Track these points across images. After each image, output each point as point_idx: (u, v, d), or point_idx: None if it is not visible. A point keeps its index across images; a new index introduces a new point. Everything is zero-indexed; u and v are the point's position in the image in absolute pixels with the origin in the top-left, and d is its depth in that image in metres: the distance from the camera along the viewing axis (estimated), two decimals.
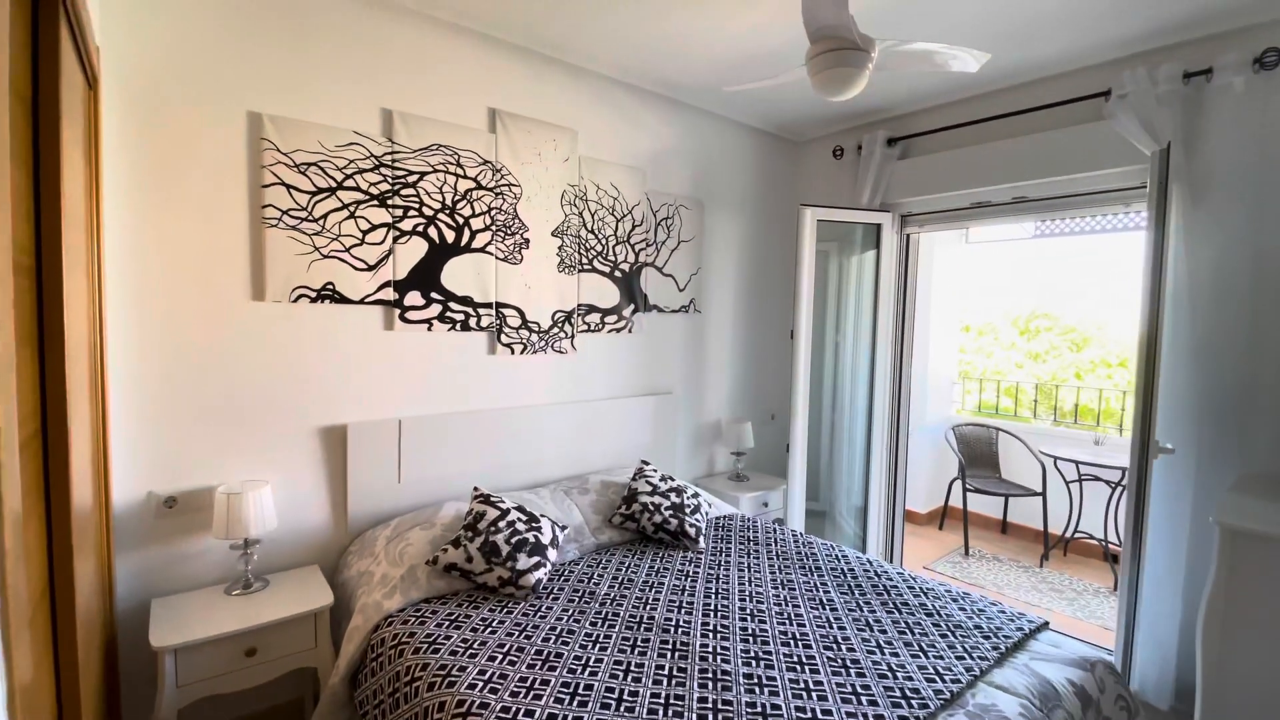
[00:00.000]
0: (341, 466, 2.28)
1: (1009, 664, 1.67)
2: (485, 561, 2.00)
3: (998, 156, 2.96)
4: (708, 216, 3.47)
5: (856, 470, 3.63)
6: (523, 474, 2.73)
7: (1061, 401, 5.06)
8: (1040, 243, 4.93)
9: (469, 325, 2.54)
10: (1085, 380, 5.39)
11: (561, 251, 2.81)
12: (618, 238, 3.02)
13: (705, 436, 3.61)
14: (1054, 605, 3.40)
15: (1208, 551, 2.33)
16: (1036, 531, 4.32)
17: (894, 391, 3.51)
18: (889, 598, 2.04)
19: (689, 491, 2.65)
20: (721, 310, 3.63)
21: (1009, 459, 4.50)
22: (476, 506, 2.17)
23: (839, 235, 3.69)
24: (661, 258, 3.23)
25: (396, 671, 1.65)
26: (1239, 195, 2.29)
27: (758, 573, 2.22)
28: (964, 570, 3.85)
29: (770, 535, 2.57)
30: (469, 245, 2.52)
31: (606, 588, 2.06)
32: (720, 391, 3.67)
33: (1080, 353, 6.15)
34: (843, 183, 3.60)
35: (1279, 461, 2.24)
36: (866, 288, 3.54)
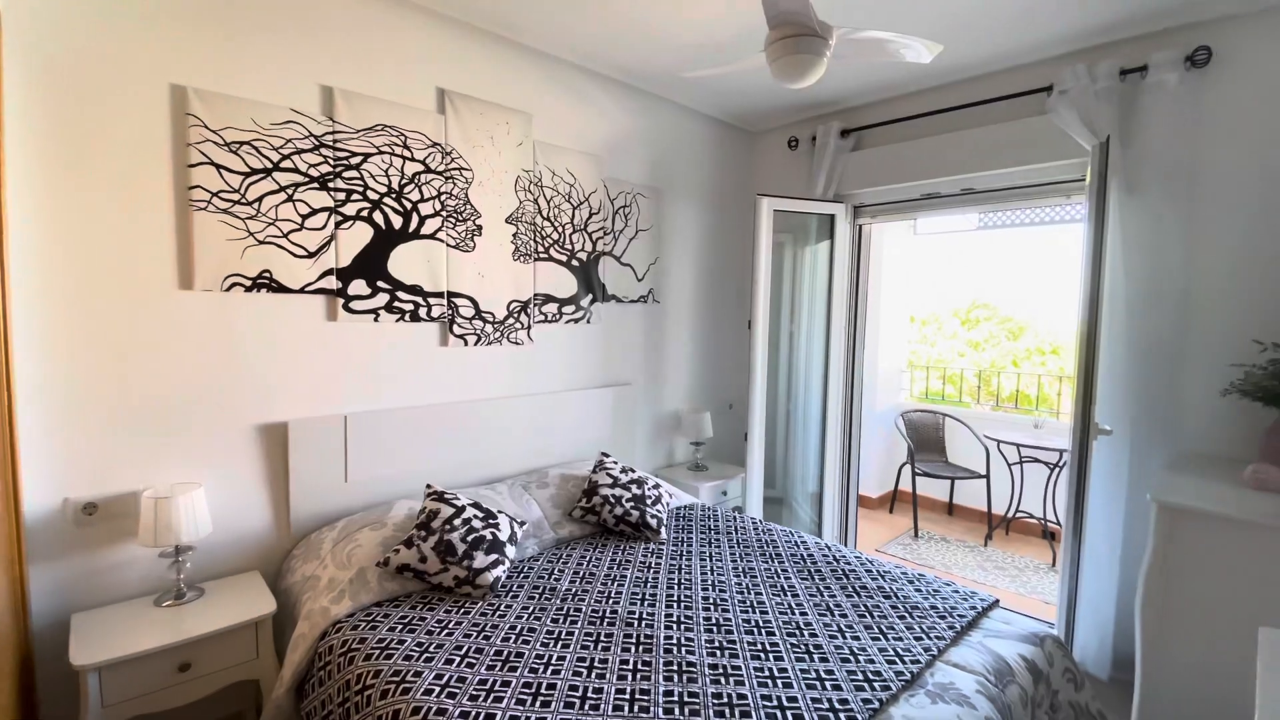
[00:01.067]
0: (283, 466, 2.15)
1: (965, 642, 1.72)
2: (440, 561, 1.92)
3: (947, 149, 3.03)
4: (666, 205, 3.44)
5: (812, 457, 3.69)
6: (479, 470, 2.64)
7: (1000, 388, 5.28)
8: (983, 235, 5.11)
9: (419, 315, 2.44)
10: (1022, 367, 5.65)
11: (516, 239, 2.72)
12: (574, 226, 2.95)
13: (665, 427, 3.59)
14: (998, 583, 3.55)
15: (1143, 528, 2.46)
16: (981, 512, 4.50)
17: (847, 379, 3.57)
18: (848, 582, 2.07)
19: (650, 483, 2.62)
20: (680, 300, 3.61)
21: (955, 443, 4.67)
22: (430, 504, 2.08)
23: (794, 226, 3.72)
24: (620, 247, 3.18)
25: (346, 680, 1.57)
26: (1172, 188, 2.40)
27: (719, 562, 2.21)
28: (914, 552, 3.97)
29: (731, 524, 2.57)
30: (418, 232, 2.41)
31: (568, 583, 2.02)
32: (679, 382, 3.66)
33: (1017, 341, 6.49)
34: (798, 173, 3.63)
35: (1207, 441, 2.38)
36: (821, 278, 3.59)
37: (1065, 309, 5.20)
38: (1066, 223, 4.42)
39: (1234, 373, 2.27)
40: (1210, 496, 1.85)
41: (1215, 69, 2.31)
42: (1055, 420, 4.50)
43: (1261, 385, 2.12)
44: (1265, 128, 2.24)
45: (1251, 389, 2.16)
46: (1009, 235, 5.12)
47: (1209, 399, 2.36)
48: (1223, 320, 2.34)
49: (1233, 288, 2.33)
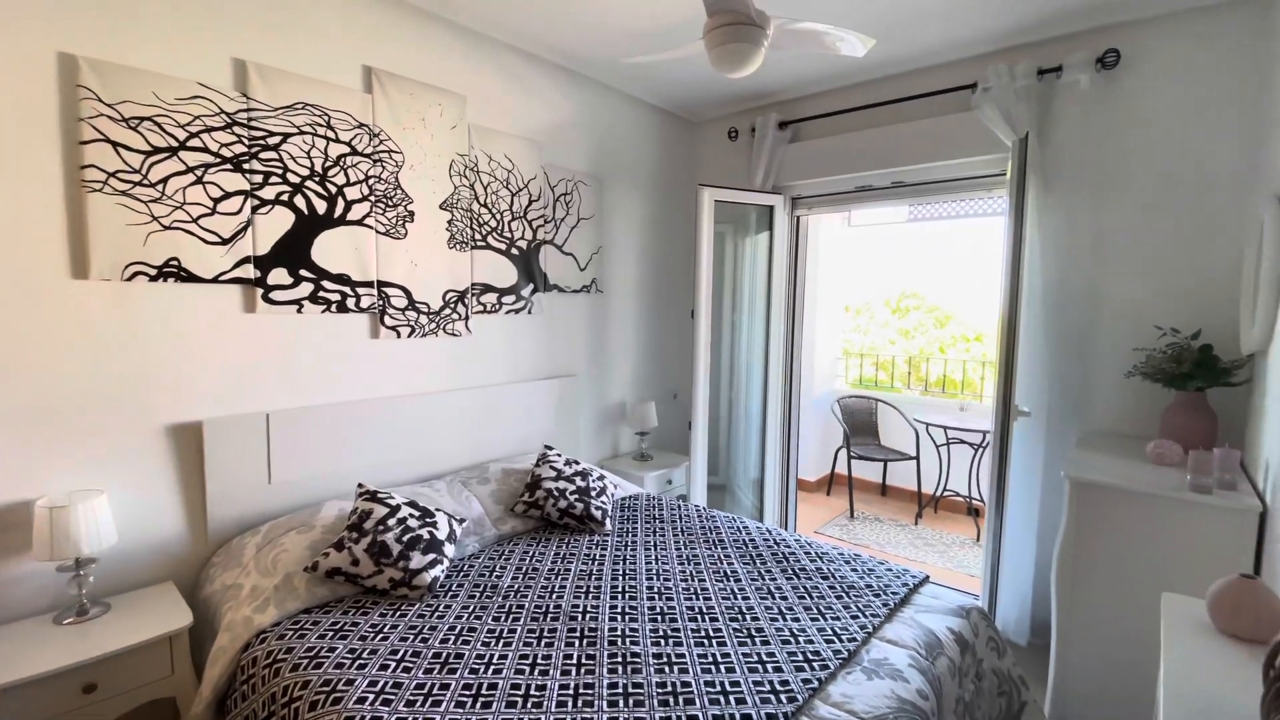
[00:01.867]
0: (198, 468, 2.00)
1: (897, 619, 1.78)
2: (374, 563, 1.84)
3: (879, 142, 3.12)
4: (607, 194, 3.40)
5: (753, 444, 3.76)
6: (415, 467, 2.55)
7: (928, 373, 5.53)
8: (912, 227, 5.31)
9: (347, 306, 2.32)
10: (948, 353, 5.93)
11: (452, 226, 2.63)
12: (514, 213, 2.88)
13: (610, 418, 3.58)
14: (928, 559, 3.72)
15: (1057, 503, 2.63)
16: (912, 492, 4.72)
17: (786, 368, 3.65)
18: (788, 564, 2.11)
19: (594, 474, 2.60)
20: (624, 290, 3.58)
21: (887, 427, 4.86)
22: (362, 504, 1.99)
23: (735, 217, 3.76)
24: (561, 235, 3.13)
25: (272, 693, 1.48)
26: (1083, 184, 2.55)
27: (664, 550, 2.22)
28: (850, 532, 4.12)
29: (675, 512, 2.58)
30: (344, 217, 2.28)
31: (510, 580, 1.97)
32: (624, 372, 3.64)
33: (943, 329, 6.83)
34: (738, 164, 3.66)
35: (1113, 421, 2.56)
36: (761, 269, 3.64)
37: (987, 298, 5.49)
38: (988, 216, 4.65)
39: (1137, 356, 2.44)
40: (1117, 472, 1.98)
41: (1123, 71, 2.47)
42: (978, 403, 4.75)
43: (1160, 368, 2.29)
44: (1164, 128, 2.41)
45: (1152, 371, 2.33)
46: (936, 228, 5.35)
47: (1115, 381, 2.54)
48: (1127, 308, 2.52)
49: (1135, 278, 2.50)
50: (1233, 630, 1.19)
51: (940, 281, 6.21)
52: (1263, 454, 1.83)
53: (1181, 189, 2.39)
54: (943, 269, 5.87)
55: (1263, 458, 1.81)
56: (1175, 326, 2.37)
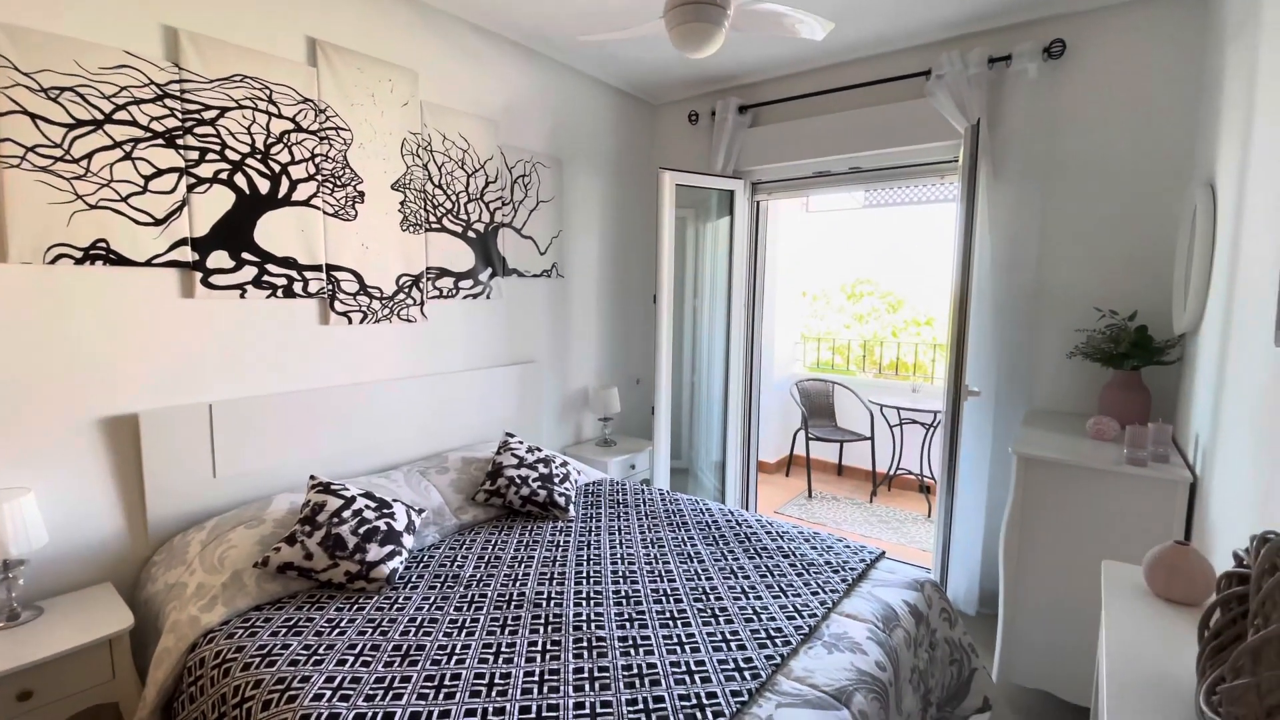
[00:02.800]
0: (135, 463, 1.90)
1: (856, 593, 1.83)
2: (329, 556, 1.78)
3: (837, 128, 3.15)
4: (567, 176, 3.34)
5: (715, 427, 3.79)
6: (371, 458, 2.48)
7: (881, 357, 5.68)
8: (868, 213, 5.41)
9: (294, 291, 2.22)
10: (900, 337, 6.11)
11: (405, 208, 2.54)
12: (470, 194, 2.80)
13: (573, 404, 3.55)
14: (883, 535, 3.85)
15: (1004, 479, 2.74)
16: (866, 471, 4.86)
17: (747, 352, 3.68)
18: (750, 544, 2.14)
19: (557, 461, 2.58)
20: (585, 274, 3.54)
21: (843, 409, 4.98)
22: (315, 497, 1.92)
23: (696, 202, 3.75)
24: (520, 218, 3.06)
25: (222, 694, 1.42)
26: (1030, 170, 2.64)
27: (628, 534, 2.22)
28: (809, 511, 4.22)
29: (639, 496, 2.59)
30: (289, 198, 2.18)
31: (472, 569, 1.94)
32: (586, 358, 3.61)
33: (896, 314, 7.05)
34: (698, 148, 3.64)
35: (1056, 399, 2.67)
36: (722, 253, 3.65)
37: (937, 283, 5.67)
38: (940, 202, 4.77)
39: (1079, 337, 2.55)
40: (1060, 447, 2.08)
41: (1069, 61, 2.55)
42: (930, 385, 4.90)
43: (1099, 348, 2.40)
44: (1105, 117, 2.51)
45: (1091, 351, 2.44)
46: (890, 214, 5.46)
47: (1058, 361, 2.65)
48: (1070, 291, 2.62)
49: (1078, 261, 2.60)
50: (1168, 594, 1.25)
51: (892, 267, 6.37)
52: (1192, 428, 1.94)
53: (1121, 176, 2.49)
54: (896, 254, 6.01)
55: (1192, 431, 1.92)
56: (1113, 309, 2.48)
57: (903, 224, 5.64)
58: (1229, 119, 1.80)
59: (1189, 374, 2.10)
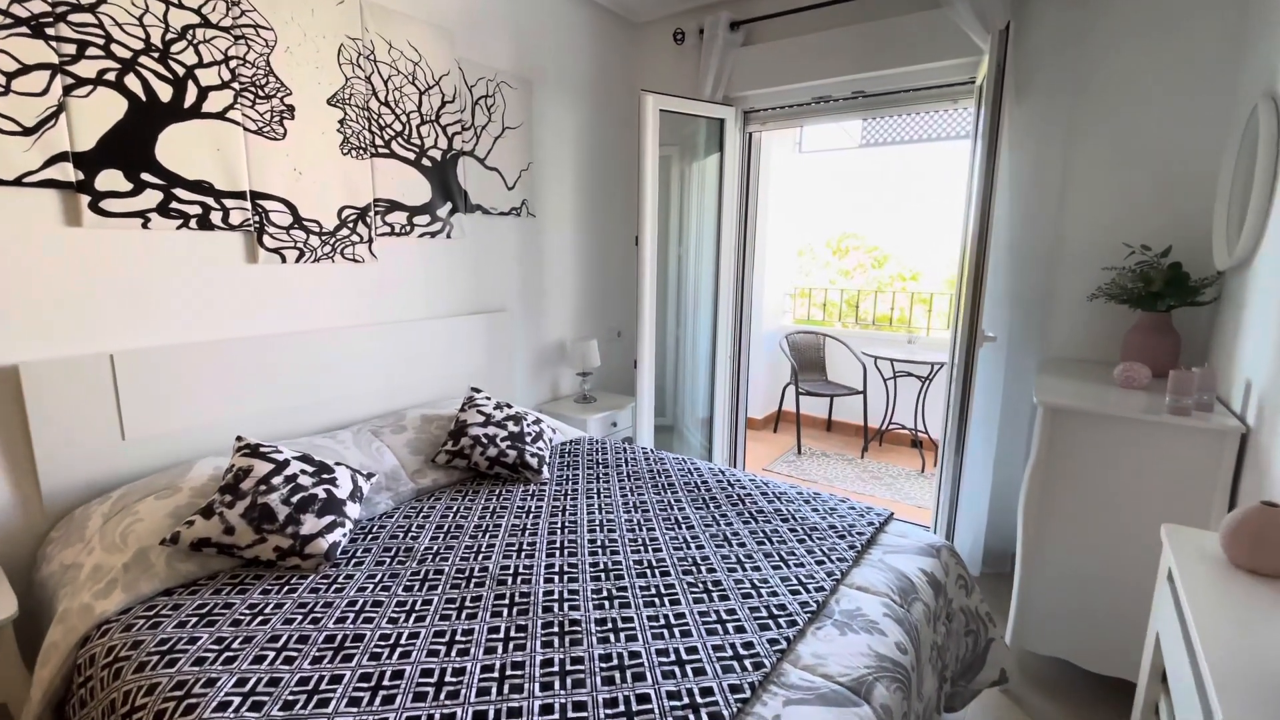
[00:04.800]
0: (20, 424, 1.59)
1: (866, 562, 1.62)
2: (254, 530, 1.51)
3: (839, 44, 2.81)
4: (537, 100, 2.97)
5: (702, 382, 3.55)
6: (315, 416, 2.19)
7: (868, 312, 5.46)
8: (864, 154, 5.07)
9: (211, 222, 1.88)
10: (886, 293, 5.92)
11: (345, 127, 2.18)
12: (423, 115, 2.43)
13: (548, 358, 3.27)
14: (876, 492, 3.68)
15: (1015, 431, 2.55)
16: (857, 426, 4.68)
17: (737, 302, 3.41)
18: (744, 507, 1.92)
19: (529, 419, 2.31)
20: (559, 213, 3.21)
21: (834, 362, 4.77)
22: (240, 461, 1.64)
23: (682, 138, 3.41)
24: (483, 146, 2.71)
25: (111, 700, 1.17)
26: (1056, 90, 2.35)
27: (608, 498, 1.98)
28: (799, 468, 4.04)
29: (620, 456, 2.35)
30: (198, 108, 1.82)
31: (428, 541, 1.69)
32: (562, 307, 3.32)
33: (881, 269, 6.86)
34: (684, 72, 3.28)
35: (1073, 346, 2.45)
36: (710, 195, 3.33)
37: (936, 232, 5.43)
38: (945, 139, 4.44)
39: (1100, 277, 2.32)
40: (1088, 396, 1.86)
41: None
42: (926, 336, 4.70)
43: (1127, 288, 2.17)
44: (1141, 28, 2.21)
45: (1117, 292, 2.21)
46: (888, 155, 5.13)
47: (1077, 304, 2.42)
48: (1093, 226, 2.37)
49: (1104, 192, 2.35)
50: (1253, 565, 1.04)
51: (885, 217, 6.10)
52: (1238, 372, 1.72)
53: (1155, 95, 2.21)
54: (891, 201, 5.72)
55: (1239, 376, 1.71)
56: (1145, 244, 2.24)
57: (901, 165, 5.32)
58: None
59: (1232, 314, 1.88)
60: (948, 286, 5.17)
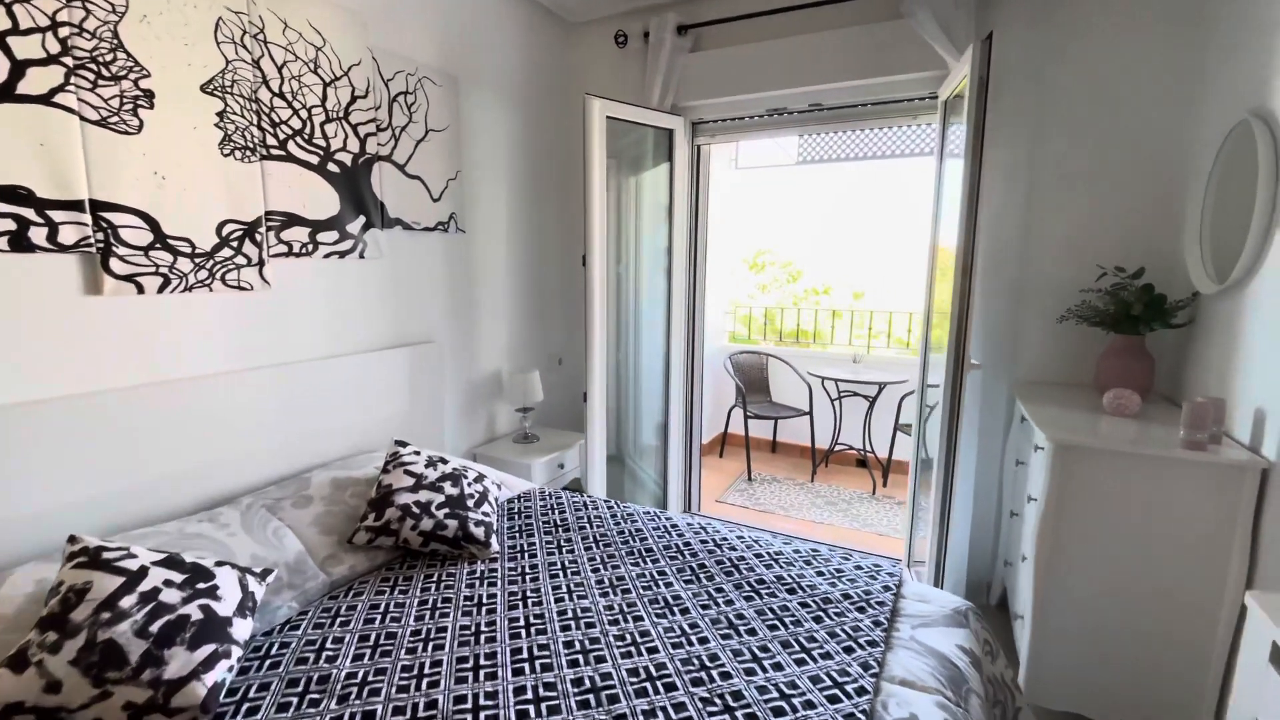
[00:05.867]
0: None
1: (898, 642, 1.38)
2: (93, 683, 1.05)
3: (795, 54, 2.65)
4: (465, 101, 2.60)
5: (649, 409, 3.27)
6: (189, 490, 1.70)
7: (782, 325, 5.45)
8: (801, 170, 5.01)
9: (30, 242, 1.39)
10: (800, 306, 6.01)
11: (227, 121, 1.73)
12: (329, 112, 2.01)
13: (483, 393, 2.87)
14: (835, 520, 3.53)
15: (992, 456, 2.45)
16: (802, 447, 4.57)
17: (689, 323, 3.17)
18: (740, 576, 1.64)
19: (470, 475, 1.92)
20: (492, 229, 2.84)
21: (777, 383, 4.64)
22: (72, 576, 1.17)
23: (622, 149, 3.14)
24: (403, 151, 2.30)
25: None
26: (1022, 110, 2.28)
27: (576, 575, 1.64)
28: (752, 497, 3.84)
29: (582, 514, 2.00)
30: (10, 88, 1.33)
31: (350, 663, 1.28)
32: (497, 335, 2.93)
33: (795, 283, 6.99)
34: (628, 78, 3.01)
35: (1042, 369, 2.38)
36: (651, 211, 3.08)
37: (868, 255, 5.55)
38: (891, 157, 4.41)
39: (1073, 298, 2.26)
40: (1087, 429, 1.75)
41: None
42: (871, 355, 4.68)
43: (1102, 310, 2.12)
44: (1108, 42, 2.18)
45: (1089, 314, 2.15)
46: (826, 171, 5.11)
47: (1046, 326, 2.36)
48: (1061, 247, 2.32)
49: (1072, 214, 2.30)
50: None
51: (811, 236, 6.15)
52: (1242, 401, 1.65)
53: (1122, 115, 2.19)
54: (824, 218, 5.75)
55: (1243, 405, 1.63)
56: (1110, 264, 2.20)
57: (839, 183, 5.33)
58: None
59: (1220, 338, 1.82)
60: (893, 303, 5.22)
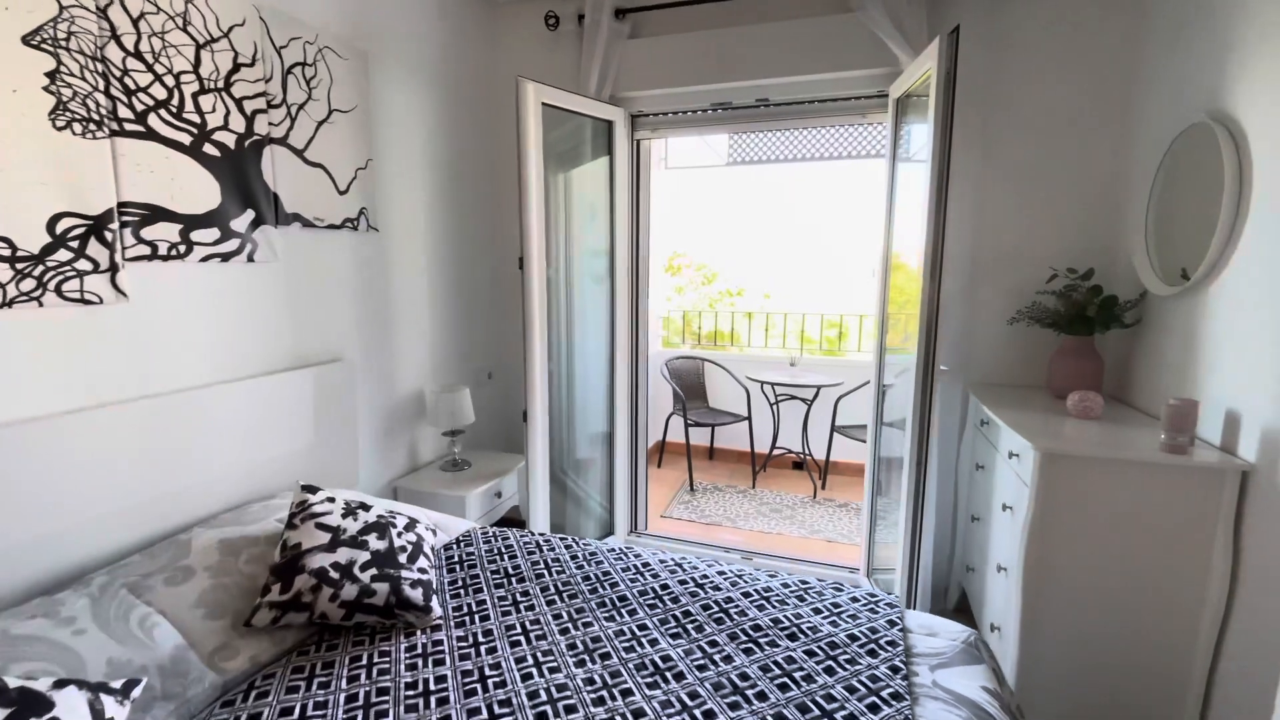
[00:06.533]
0: None
1: (920, 690, 1.23)
2: None
3: (741, 46, 2.50)
4: (376, 79, 2.24)
5: (582, 423, 3.02)
6: (13, 574, 1.27)
7: (700, 328, 5.42)
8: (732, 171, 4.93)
9: None
10: (716, 308, 6.05)
11: (61, 84, 1.32)
12: (204, 81, 1.62)
13: (403, 417, 2.50)
14: (782, 528, 3.44)
15: (946, 457, 2.42)
16: (738, 452, 4.49)
17: (632, 329, 2.96)
18: (732, 623, 1.44)
19: (399, 522, 1.60)
20: (410, 227, 2.49)
21: (714, 388, 4.53)
22: None
23: (547, 144, 2.86)
24: (301, 133, 1.92)
25: None
26: (971, 112, 2.25)
27: (543, 637, 1.37)
28: (697, 509, 3.69)
29: (536, 557, 1.73)
30: None
31: None
32: (418, 349, 2.58)
33: (710, 285, 7.05)
34: (561, 63, 2.75)
35: (997, 371, 2.38)
36: (584, 209, 2.84)
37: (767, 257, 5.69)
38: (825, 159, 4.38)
39: (1021, 299, 2.27)
40: (1057, 433, 1.72)
41: None
42: (809, 357, 4.67)
43: (1056, 312, 2.12)
44: (1049, 45, 2.18)
45: (1040, 315, 2.15)
46: (751, 173, 5.06)
47: (996, 328, 2.35)
48: (1011, 250, 2.32)
49: (1020, 216, 2.30)
50: None
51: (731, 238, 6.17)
52: (1210, 402, 1.64)
53: (1067, 117, 2.21)
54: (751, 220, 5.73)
55: (1213, 406, 1.63)
56: (1056, 266, 2.21)
57: (763, 185, 5.31)
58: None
59: (1178, 338, 1.83)
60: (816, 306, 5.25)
